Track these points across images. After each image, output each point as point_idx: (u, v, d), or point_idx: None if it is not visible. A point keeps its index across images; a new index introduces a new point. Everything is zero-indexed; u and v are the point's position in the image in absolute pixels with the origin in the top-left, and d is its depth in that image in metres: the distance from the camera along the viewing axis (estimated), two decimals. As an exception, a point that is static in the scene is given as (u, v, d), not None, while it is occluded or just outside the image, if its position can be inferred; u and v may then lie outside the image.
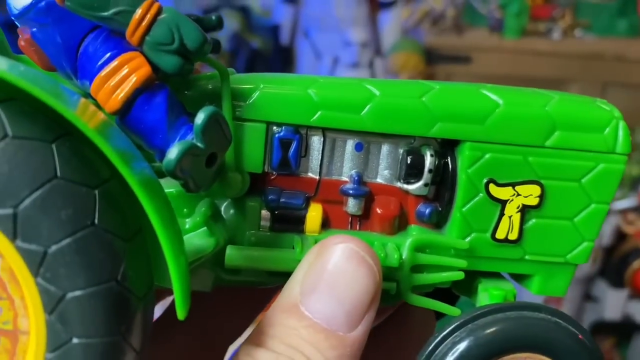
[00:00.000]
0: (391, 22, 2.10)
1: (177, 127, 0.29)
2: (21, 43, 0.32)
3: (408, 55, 1.84)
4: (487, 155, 0.32)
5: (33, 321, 0.24)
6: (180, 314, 0.26)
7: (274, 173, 0.33)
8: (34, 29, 0.31)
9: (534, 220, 0.32)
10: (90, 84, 0.30)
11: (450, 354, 0.29)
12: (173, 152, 0.26)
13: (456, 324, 0.29)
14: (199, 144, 0.27)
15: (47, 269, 0.23)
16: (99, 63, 0.29)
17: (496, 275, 0.35)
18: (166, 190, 0.29)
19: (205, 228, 0.32)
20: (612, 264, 1.54)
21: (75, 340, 0.24)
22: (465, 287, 0.36)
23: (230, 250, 0.32)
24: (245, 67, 2.13)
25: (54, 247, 0.23)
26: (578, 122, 0.31)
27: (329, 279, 0.28)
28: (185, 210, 0.33)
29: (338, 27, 2.10)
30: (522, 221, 0.32)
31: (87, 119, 0.24)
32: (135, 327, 0.26)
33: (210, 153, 0.28)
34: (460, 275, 0.33)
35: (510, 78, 1.88)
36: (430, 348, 0.29)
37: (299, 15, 2.24)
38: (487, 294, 0.32)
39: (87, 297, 0.24)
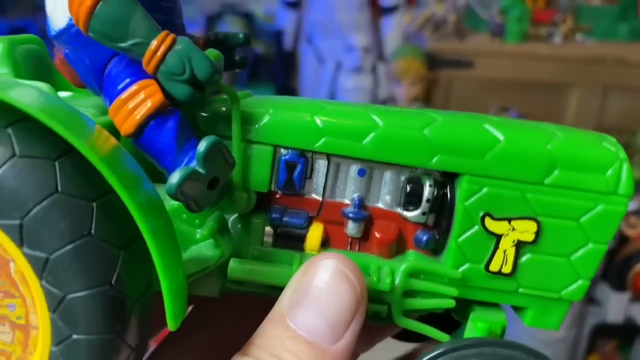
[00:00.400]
0: (393, 27, 2.11)
1: (185, 150, 0.30)
2: (56, 61, 0.35)
3: (410, 60, 1.85)
4: (485, 190, 0.32)
5: (41, 318, 0.27)
6: (171, 326, 0.28)
7: (280, 193, 0.35)
8: (67, 51, 0.33)
9: (529, 256, 0.32)
10: (110, 105, 0.31)
11: None
12: (174, 177, 0.28)
13: (436, 352, 0.30)
14: (200, 170, 0.29)
15: (49, 273, 0.26)
16: (119, 87, 0.31)
17: (492, 304, 0.35)
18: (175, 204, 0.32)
19: (212, 240, 0.33)
20: (614, 267, 1.54)
21: (74, 337, 0.26)
22: (461, 314, 0.36)
23: (232, 263, 0.33)
24: (248, 72, 2.15)
25: (55, 254, 0.26)
26: (580, 162, 0.31)
27: (314, 294, 0.30)
28: (197, 221, 0.34)
29: (341, 33, 2.12)
30: (517, 256, 0.32)
31: (92, 143, 0.26)
32: (131, 326, 0.28)
33: (212, 178, 0.29)
34: (451, 304, 0.33)
35: (512, 82, 1.89)
36: None
37: (302, 21, 2.26)
38: (474, 325, 0.33)
39: (85, 298, 0.26)
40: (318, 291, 0.29)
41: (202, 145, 0.29)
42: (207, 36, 0.37)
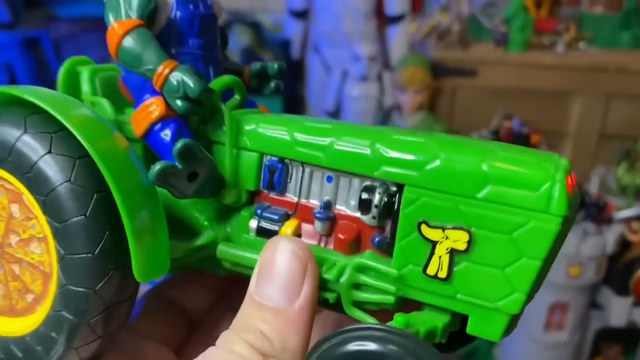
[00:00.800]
0: (399, 37, 2.13)
1: None
2: (119, 84, 0.43)
3: (415, 69, 1.87)
4: (422, 199, 0.34)
5: (54, 261, 0.36)
6: (137, 276, 0.36)
7: (266, 192, 0.41)
8: (123, 74, 0.42)
9: (463, 264, 0.34)
10: None
11: (314, 353, 0.33)
12: (154, 168, 0.36)
13: (339, 330, 0.33)
14: (177, 165, 0.36)
15: (59, 237, 0.35)
16: (142, 99, 0.39)
17: (443, 309, 0.36)
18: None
19: (208, 224, 0.42)
20: (616, 272, 1.56)
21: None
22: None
23: (221, 246, 0.41)
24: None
25: (61, 224, 0.35)
26: (512, 179, 0.32)
27: (269, 270, 0.36)
28: (200, 207, 0.42)
29: (347, 42, 2.14)
30: (451, 262, 0.33)
31: (100, 146, 0.35)
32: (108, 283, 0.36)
33: (189, 172, 0.37)
34: (390, 300, 0.36)
35: (515, 90, 1.92)
36: (317, 345, 0.34)
37: (309, 30, 2.29)
38: (395, 318, 0.35)
39: (78, 259, 0.35)
40: (272, 267, 0.36)
41: (177, 145, 0.36)
42: (250, 68, 0.45)
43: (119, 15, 0.38)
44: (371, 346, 0.31)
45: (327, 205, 0.39)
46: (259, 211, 0.40)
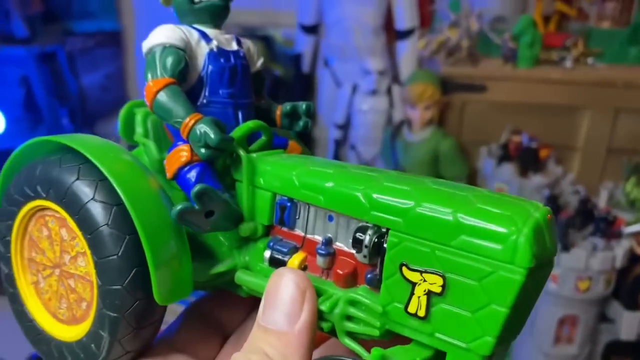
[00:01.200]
0: (408, 52, 2.16)
1: None
2: (165, 127, 0.49)
3: (425, 85, 1.89)
4: (403, 243, 0.38)
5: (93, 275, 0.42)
6: (157, 298, 0.41)
7: (278, 226, 0.46)
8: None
9: (439, 305, 0.36)
10: None
11: None
12: (175, 209, 0.41)
13: None
14: (195, 206, 0.41)
15: (98, 269, 0.41)
16: (175, 145, 0.45)
17: (427, 346, 0.39)
18: None
19: (228, 253, 0.47)
20: (626, 286, 1.57)
21: (100, 260, 0.41)
22: None
23: (238, 273, 0.46)
24: (268, 93, 2.21)
25: (100, 260, 0.41)
26: (482, 232, 0.34)
27: (272, 296, 0.40)
28: (222, 238, 0.47)
29: (357, 57, 2.17)
30: (429, 303, 0.36)
31: (133, 193, 0.41)
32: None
33: (206, 211, 0.42)
34: (375, 333, 0.39)
35: (524, 105, 1.94)
36: None
37: (320, 45, 2.32)
38: (372, 351, 0.38)
39: (111, 289, 0.41)
40: (276, 295, 0.40)
41: (194, 189, 0.42)
42: (282, 108, 0.50)
43: (155, 74, 0.44)
44: None
45: (328, 242, 0.43)
46: (271, 243, 0.45)
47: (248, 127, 0.45)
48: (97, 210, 0.41)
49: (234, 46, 0.47)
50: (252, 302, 0.53)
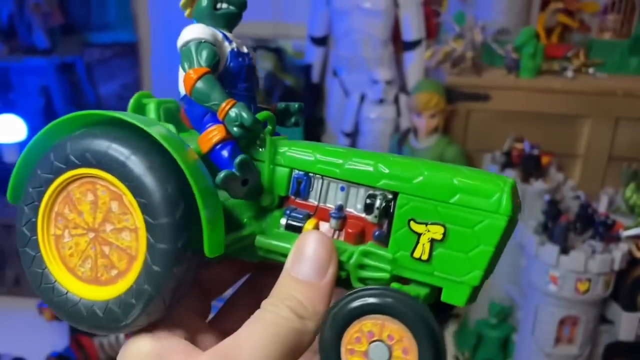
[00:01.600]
0: (415, 62, 2.22)
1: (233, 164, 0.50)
2: (182, 114, 0.55)
3: (430, 95, 1.94)
4: (411, 203, 0.47)
5: (140, 224, 0.46)
6: (207, 251, 0.46)
7: (293, 197, 0.53)
8: (185, 107, 0.54)
9: (439, 249, 0.46)
10: (200, 135, 0.52)
11: (334, 310, 0.45)
12: (221, 174, 0.47)
13: (348, 293, 0.45)
14: (236, 173, 0.48)
15: (151, 231, 0.45)
16: (207, 126, 0.51)
17: (424, 284, 0.48)
18: (233, 200, 0.52)
19: (248, 221, 0.53)
20: (624, 289, 1.61)
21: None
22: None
23: (258, 237, 0.52)
24: (279, 102, 2.25)
25: (155, 222, 0.45)
26: (474, 190, 0.45)
27: (302, 252, 0.47)
28: (242, 209, 0.53)
29: (365, 67, 2.23)
30: (431, 248, 0.46)
31: (181, 153, 0.46)
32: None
33: (243, 179, 0.49)
34: (386, 276, 0.48)
35: (527, 114, 2.00)
36: (332, 306, 0.45)
37: (329, 56, 2.39)
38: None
39: (164, 248, 0.45)
40: (306, 251, 0.47)
41: (237, 159, 0.48)
42: (276, 106, 0.57)
43: (193, 64, 0.50)
44: (370, 300, 0.43)
45: (340, 208, 0.51)
46: (287, 212, 0.52)
47: (264, 116, 0.52)
48: (155, 179, 0.45)
49: (245, 49, 0.55)
50: (238, 267, 0.60)
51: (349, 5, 2.18)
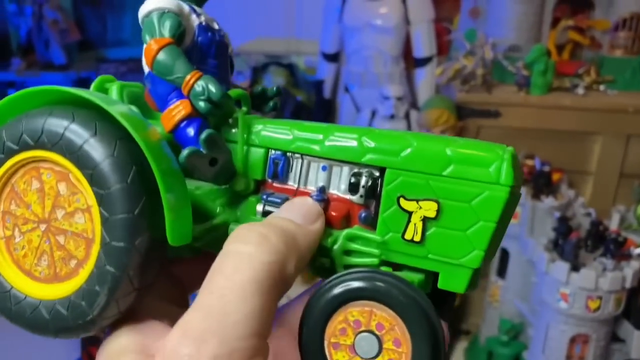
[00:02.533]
0: (426, 79, 2.23)
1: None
2: (145, 96, 0.50)
3: (441, 111, 1.95)
4: (400, 178, 0.42)
5: (93, 203, 0.42)
6: (170, 239, 0.41)
7: (270, 181, 0.48)
8: (149, 86, 0.49)
9: (433, 229, 0.41)
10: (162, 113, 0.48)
11: (319, 294, 0.40)
12: (184, 151, 0.43)
13: (329, 278, 0.40)
14: (202, 150, 0.44)
15: (104, 203, 0.41)
16: (169, 102, 0.47)
17: (418, 270, 0.44)
18: (204, 186, 0.48)
19: (221, 210, 0.48)
20: (636, 307, 1.60)
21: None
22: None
23: (232, 226, 0.48)
24: (292, 117, 2.27)
25: (106, 191, 0.41)
26: (470, 159, 0.40)
27: (290, 204, 0.44)
28: (213, 196, 0.49)
29: (376, 83, 2.23)
30: (424, 228, 0.41)
31: (141, 133, 0.41)
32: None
33: (211, 157, 0.44)
34: (375, 262, 0.43)
35: (537, 131, 2.00)
36: (320, 286, 0.41)
37: (341, 72, 2.40)
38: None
39: (120, 219, 0.41)
40: (292, 204, 0.44)
41: (202, 135, 0.43)
42: (252, 90, 0.52)
43: (154, 34, 0.46)
44: (355, 284, 0.38)
45: (322, 190, 0.46)
46: (264, 196, 0.47)
47: (236, 93, 0.48)
48: (100, 145, 0.41)
49: (216, 26, 0.50)
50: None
51: (360, 22, 2.21)
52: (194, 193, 0.49)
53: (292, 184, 0.48)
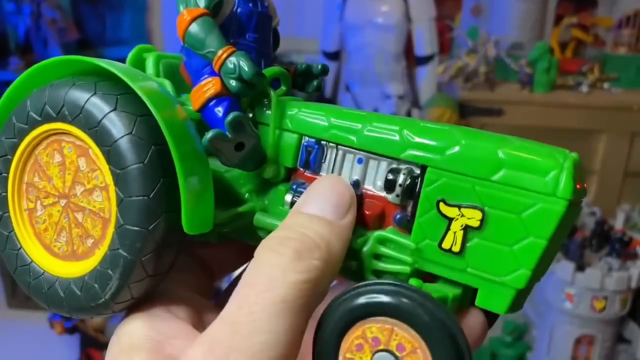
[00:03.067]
0: (427, 77, 2.21)
1: None
2: (181, 69, 0.47)
3: (443, 110, 1.93)
4: (442, 180, 0.37)
5: (109, 182, 0.39)
6: (185, 227, 0.38)
7: (302, 170, 0.44)
8: (185, 60, 0.46)
9: (475, 240, 0.36)
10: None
11: (342, 301, 0.35)
12: (208, 134, 0.40)
13: (356, 285, 0.35)
14: (227, 133, 0.40)
15: (120, 182, 0.39)
16: (201, 79, 0.43)
17: (456, 283, 0.39)
18: (234, 170, 0.44)
19: (249, 197, 0.45)
20: (642, 307, 1.59)
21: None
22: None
23: (257, 215, 0.44)
24: None
25: (122, 170, 0.38)
26: (524, 165, 0.35)
27: (319, 191, 0.39)
28: (242, 181, 0.45)
29: (377, 82, 2.21)
30: (465, 238, 0.37)
31: (163, 111, 0.38)
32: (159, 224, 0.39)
33: (237, 142, 0.41)
34: (406, 270, 0.39)
35: (541, 129, 1.98)
36: (334, 299, 0.36)
37: (342, 71, 2.38)
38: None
39: (135, 201, 0.39)
40: (322, 189, 0.39)
41: (228, 117, 0.40)
42: (296, 67, 0.49)
43: (189, 4, 0.42)
44: (381, 298, 0.34)
45: (356, 184, 0.42)
46: (294, 186, 0.43)
47: (274, 71, 0.44)
48: (119, 121, 0.39)
49: None
50: (245, 254, 0.52)
51: (361, 20, 2.19)
52: (222, 176, 0.45)
53: (324, 175, 0.43)
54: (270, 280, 0.34)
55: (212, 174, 0.42)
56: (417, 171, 0.40)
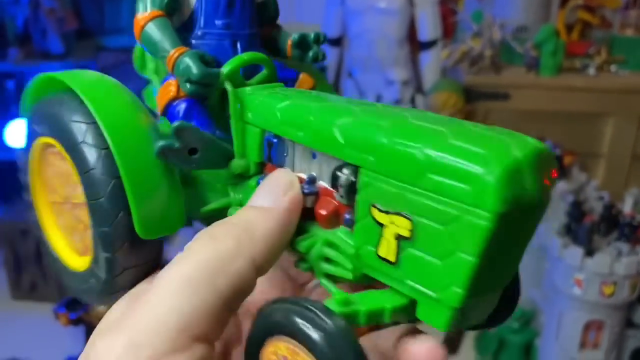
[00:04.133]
0: (431, 62, 2.18)
1: None
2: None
3: (448, 94, 1.91)
4: (374, 183, 0.34)
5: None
6: (139, 231, 0.39)
7: (270, 163, 0.43)
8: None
9: (408, 250, 0.32)
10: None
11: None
12: (156, 144, 0.39)
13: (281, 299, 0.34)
14: (173, 143, 0.39)
15: (90, 209, 0.40)
16: (165, 80, 0.43)
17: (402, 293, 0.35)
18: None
19: (226, 192, 0.44)
20: (651, 292, 1.57)
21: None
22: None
23: (231, 209, 0.43)
24: None
25: (90, 202, 0.40)
26: (452, 170, 0.30)
27: (261, 185, 0.39)
28: (220, 177, 0.45)
29: (380, 68, 2.18)
30: (398, 248, 0.33)
31: (115, 120, 0.39)
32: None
33: (189, 148, 0.40)
34: (348, 275, 0.36)
35: (548, 113, 1.96)
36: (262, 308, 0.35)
37: (344, 56, 2.35)
38: (335, 294, 0.35)
39: (100, 231, 0.40)
40: (264, 183, 0.39)
41: (172, 126, 0.39)
42: (290, 40, 0.47)
43: (144, 8, 0.42)
44: (275, 317, 0.33)
45: (312, 180, 0.39)
46: (260, 181, 0.42)
47: (240, 60, 0.42)
48: (87, 153, 0.39)
49: None
50: None
51: (363, 4, 2.16)
52: (195, 172, 0.44)
53: (287, 169, 0.41)
54: (178, 259, 0.35)
55: (186, 170, 0.43)
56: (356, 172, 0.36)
